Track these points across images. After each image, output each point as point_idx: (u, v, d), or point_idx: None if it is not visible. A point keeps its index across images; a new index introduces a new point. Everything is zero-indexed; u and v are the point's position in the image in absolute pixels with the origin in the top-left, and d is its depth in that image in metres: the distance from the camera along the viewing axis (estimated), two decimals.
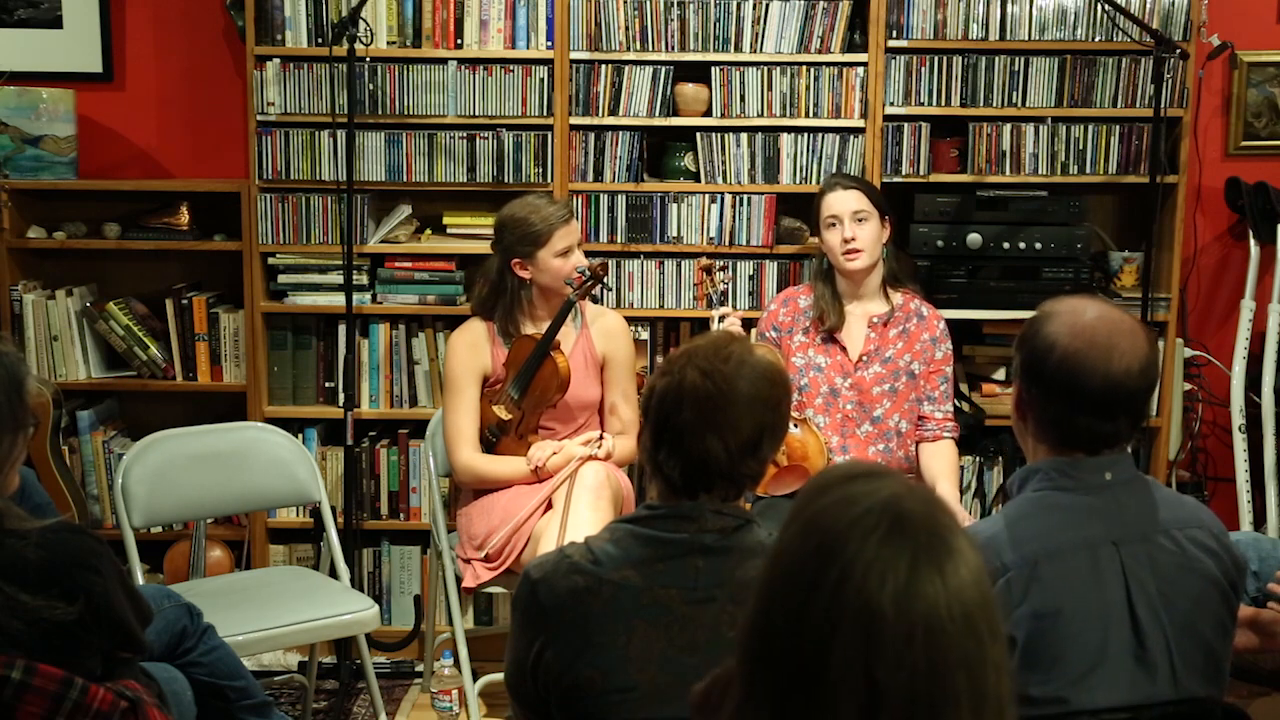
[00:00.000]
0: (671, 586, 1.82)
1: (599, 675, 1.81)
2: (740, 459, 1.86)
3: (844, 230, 3.40)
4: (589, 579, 1.83)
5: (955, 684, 1.12)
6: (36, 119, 3.94)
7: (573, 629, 1.82)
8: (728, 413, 1.84)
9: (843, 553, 1.13)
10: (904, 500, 1.17)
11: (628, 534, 1.88)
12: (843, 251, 3.40)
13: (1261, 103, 4.11)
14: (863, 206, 3.41)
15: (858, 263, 3.41)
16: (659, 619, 1.82)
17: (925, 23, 3.77)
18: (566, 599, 1.82)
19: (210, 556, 3.92)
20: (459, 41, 3.82)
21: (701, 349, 1.91)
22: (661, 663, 1.81)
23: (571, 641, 1.82)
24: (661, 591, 1.82)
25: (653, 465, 1.90)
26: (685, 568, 1.83)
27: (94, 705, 1.97)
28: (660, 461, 1.87)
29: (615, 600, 1.82)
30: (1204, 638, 1.91)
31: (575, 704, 1.84)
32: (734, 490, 1.90)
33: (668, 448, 1.86)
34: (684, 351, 1.92)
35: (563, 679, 1.83)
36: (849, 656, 1.11)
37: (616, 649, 1.81)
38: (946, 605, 1.12)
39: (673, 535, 1.85)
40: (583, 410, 3.40)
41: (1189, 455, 4.16)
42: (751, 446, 1.87)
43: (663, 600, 1.82)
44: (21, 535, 1.98)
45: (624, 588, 1.82)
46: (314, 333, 3.96)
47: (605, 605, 1.81)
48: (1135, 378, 1.89)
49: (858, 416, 3.44)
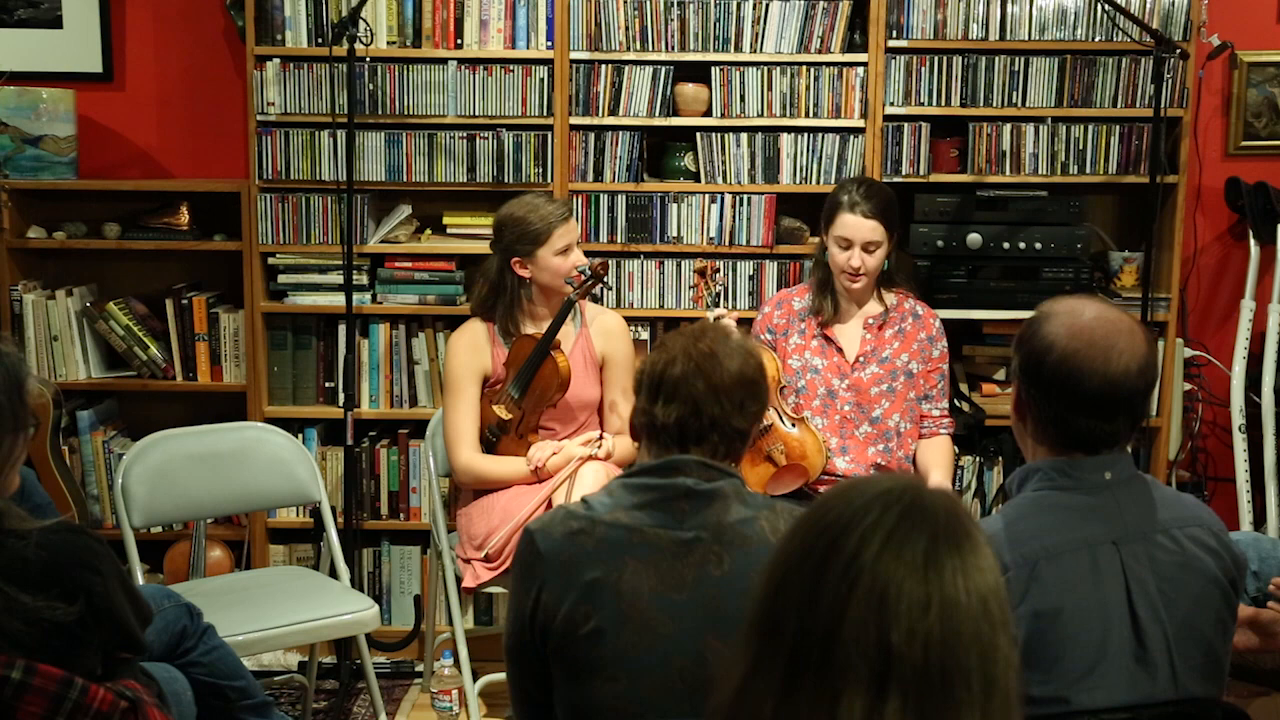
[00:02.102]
0: (660, 527, 1.95)
1: (591, 611, 1.92)
2: (730, 408, 2.01)
3: (853, 258, 3.37)
4: (583, 523, 1.97)
5: (968, 660, 1.11)
6: (36, 119, 3.94)
7: (567, 568, 1.94)
8: (716, 362, 2.02)
9: (862, 522, 1.14)
10: (924, 491, 1.18)
11: (620, 485, 2.03)
12: (845, 273, 3.39)
13: (1261, 103, 4.11)
14: (877, 238, 3.35)
15: (857, 286, 3.40)
16: (648, 557, 1.93)
17: (925, 23, 3.77)
18: (561, 541, 1.96)
19: (210, 556, 3.92)
20: (459, 41, 3.82)
21: (686, 330, 2.12)
22: (651, 598, 1.92)
23: (566, 579, 1.94)
24: (650, 532, 1.95)
25: (647, 420, 2.04)
26: (673, 510, 1.96)
27: (94, 705, 1.97)
28: (655, 414, 2.02)
29: (607, 539, 1.94)
30: (1204, 637, 1.91)
31: (569, 647, 1.93)
32: (724, 446, 2.03)
33: (664, 398, 2.02)
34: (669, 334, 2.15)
35: (558, 621, 1.93)
36: (863, 621, 1.11)
37: (608, 585, 1.92)
38: (965, 585, 1.13)
39: (660, 481, 1.99)
40: (583, 410, 3.40)
41: (1189, 455, 4.16)
42: (739, 399, 2.03)
43: (651, 540, 1.94)
44: (21, 535, 1.98)
45: (615, 528, 1.95)
46: (314, 333, 3.96)
47: (597, 544, 1.94)
48: (1134, 378, 1.89)
49: (856, 417, 3.44)
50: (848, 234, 3.36)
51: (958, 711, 1.11)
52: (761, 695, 1.17)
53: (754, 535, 1.96)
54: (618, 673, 1.92)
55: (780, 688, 1.15)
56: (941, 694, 1.11)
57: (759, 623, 1.19)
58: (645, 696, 1.92)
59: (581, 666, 1.94)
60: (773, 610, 1.18)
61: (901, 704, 1.10)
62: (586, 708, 1.95)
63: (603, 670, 1.93)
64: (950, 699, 1.11)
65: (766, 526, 1.97)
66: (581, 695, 1.95)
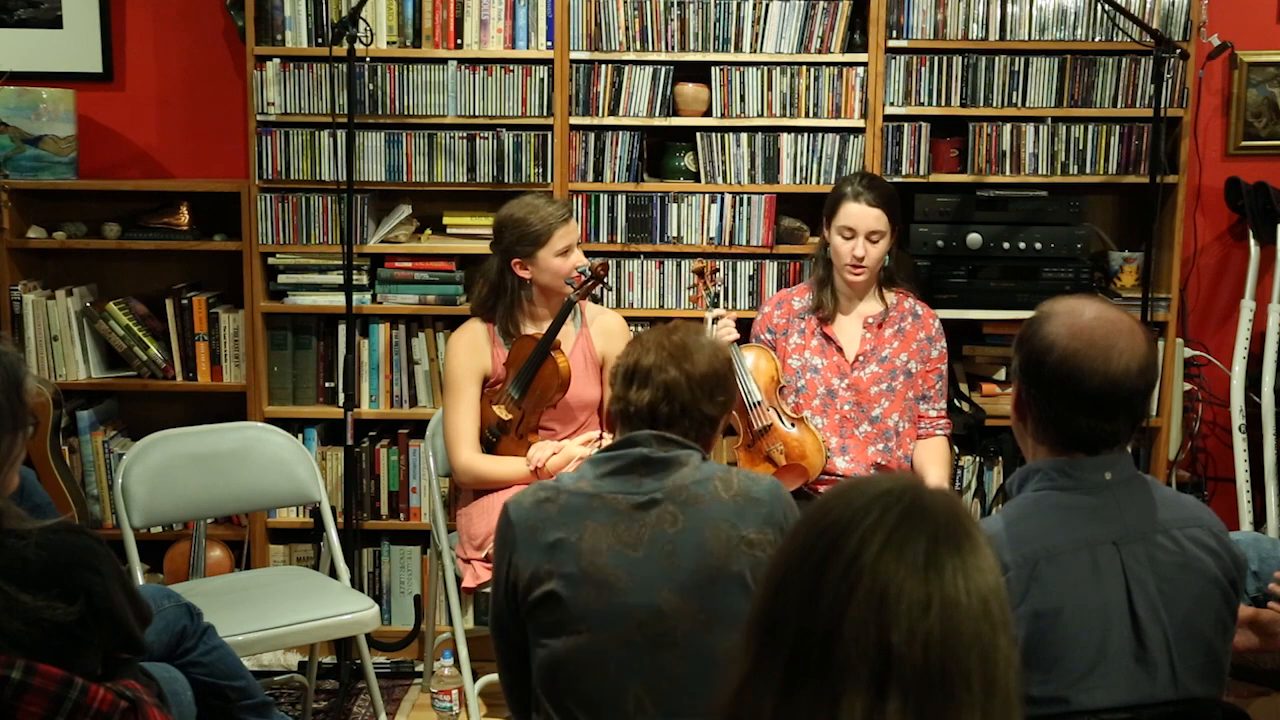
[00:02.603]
0: (618, 493, 2.10)
1: (555, 568, 2.07)
2: (700, 394, 2.15)
3: (856, 247, 3.37)
4: (549, 492, 2.14)
5: (969, 661, 1.11)
6: (36, 119, 3.94)
7: (533, 531, 2.10)
8: (687, 351, 2.17)
9: (863, 522, 1.14)
10: (924, 491, 1.18)
11: (587, 461, 2.20)
12: (849, 264, 3.39)
13: (1261, 103, 4.11)
14: (881, 228, 3.37)
15: (860, 278, 3.41)
16: (607, 520, 2.09)
17: (925, 23, 3.77)
18: (529, 509, 2.13)
19: (210, 556, 3.92)
20: (459, 41, 3.82)
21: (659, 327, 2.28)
22: (610, 555, 2.06)
23: (531, 542, 2.10)
24: (610, 497, 2.10)
25: (621, 407, 2.18)
26: (630, 475, 2.12)
27: (94, 705, 1.97)
28: (629, 399, 2.16)
29: (569, 505, 2.11)
30: (1204, 637, 1.91)
31: (537, 606, 2.08)
32: (694, 431, 2.17)
33: (637, 384, 2.16)
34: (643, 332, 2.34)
35: (525, 580, 2.09)
36: (864, 622, 1.10)
37: (569, 545, 2.07)
38: (965, 585, 1.12)
39: (620, 452, 2.14)
40: (583, 410, 3.40)
41: (1189, 455, 4.16)
42: (709, 387, 2.17)
43: (610, 503, 2.10)
44: (21, 535, 1.98)
45: (577, 495, 2.12)
46: (314, 333, 3.96)
47: (560, 510, 2.10)
48: (1134, 377, 1.89)
49: (856, 417, 3.44)
50: (851, 223, 3.37)
51: (958, 712, 1.11)
52: (762, 695, 1.16)
53: (707, 494, 2.10)
54: (582, 628, 2.06)
55: (780, 688, 1.15)
56: (942, 694, 1.11)
57: (759, 623, 1.19)
58: (609, 650, 2.06)
59: (550, 624, 2.08)
60: (773, 610, 1.17)
61: (902, 704, 1.10)
62: (556, 664, 2.08)
63: (568, 626, 2.06)
64: (951, 699, 1.11)
65: (720, 485, 2.11)
66: (552, 653, 2.08)
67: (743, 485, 2.12)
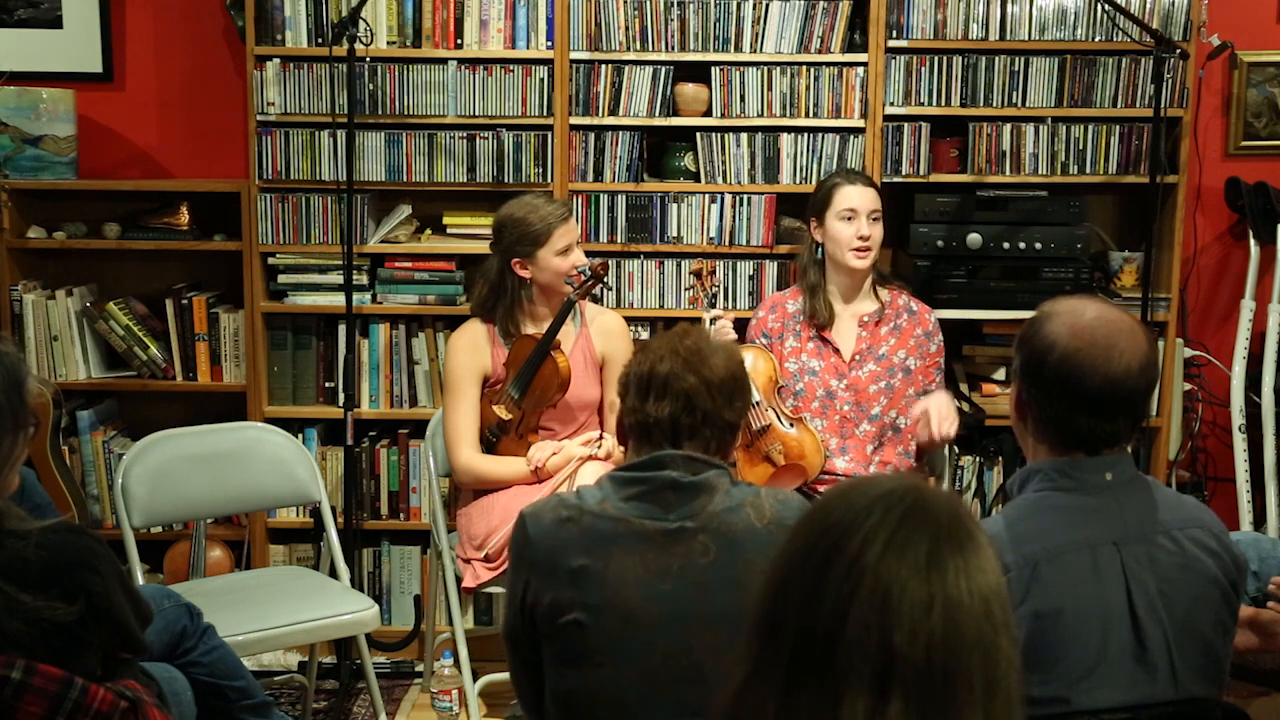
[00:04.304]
0: (646, 518, 1.99)
1: (577, 598, 1.96)
2: (721, 401, 2.06)
3: (860, 227, 3.40)
4: (572, 511, 2.02)
5: (970, 661, 1.11)
6: (36, 119, 3.94)
7: (553, 555, 1.99)
8: (703, 356, 2.07)
9: (865, 523, 1.14)
10: (926, 492, 1.18)
11: (608, 479, 2.07)
12: (854, 247, 3.41)
13: (1261, 103, 4.11)
14: (878, 207, 3.46)
15: (865, 261, 3.42)
16: (635, 547, 1.97)
17: (925, 23, 3.77)
18: (550, 527, 2.01)
19: (210, 556, 3.92)
20: (459, 41, 3.82)
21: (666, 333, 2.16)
22: (636, 587, 1.95)
23: (552, 566, 1.98)
24: (637, 522, 1.98)
25: (638, 419, 2.07)
26: (659, 500, 2.00)
27: (94, 705, 1.97)
28: (648, 412, 2.05)
29: (594, 528, 1.99)
30: (1204, 637, 1.91)
31: (557, 633, 1.98)
32: (715, 440, 2.07)
33: (655, 395, 2.05)
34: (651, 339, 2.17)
35: (545, 607, 1.98)
36: (866, 623, 1.11)
37: (594, 573, 1.96)
38: (967, 586, 1.13)
39: (647, 474, 2.02)
40: (583, 410, 3.40)
41: (1189, 455, 4.16)
42: (728, 392, 2.07)
43: (638, 530, 1.98)
44: (21, 535, 1.97)
45: (602, 518, 1.99)
46: (314, 333, 3.96)
47: (584, 532, 1.98)
48: (1135, 377, 1.89)
49: (855, 417, 3.44)
50: (853, 204, 3.42)
51: (960, 712, 1.11)
52: (763, 696, 1.17)
53: (739, 523, 1.99)
54: (603, 660, 1.96)
55: (782, 688, 1.15)
56: (944, 695, 1.11)
57: (761, 623, 1.19)
58: (630, 683, 1.96)
59: (569, 653, 1.98)
60: (775, 611, 1.18)
61: (904, 705, 1.10)
62: (574, 695, 1.99)
63: (589, 657, 1.96)
64: (952, 700, 1.11)
65: (752, 513, 2.01)
66: (569, 682, 1.99)
67: (776, 513, 2.02)
